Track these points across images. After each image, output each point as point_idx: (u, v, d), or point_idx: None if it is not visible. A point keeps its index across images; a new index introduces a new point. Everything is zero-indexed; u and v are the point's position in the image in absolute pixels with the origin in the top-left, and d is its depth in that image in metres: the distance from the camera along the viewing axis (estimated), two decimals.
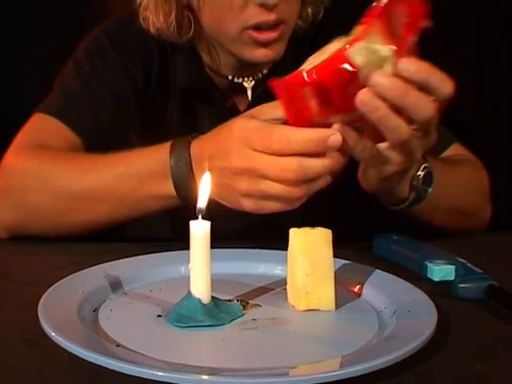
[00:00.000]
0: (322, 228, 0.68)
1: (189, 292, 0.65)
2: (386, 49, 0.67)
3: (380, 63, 0.67)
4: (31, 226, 0.92)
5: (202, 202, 0.65)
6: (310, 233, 0.68)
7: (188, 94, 1.06)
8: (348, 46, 0.65)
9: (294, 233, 0.68)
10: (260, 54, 0.96)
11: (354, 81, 0.66)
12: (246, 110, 0.92)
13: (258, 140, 0.73)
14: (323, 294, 0.67)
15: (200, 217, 0.64)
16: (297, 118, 0.71)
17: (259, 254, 0.81)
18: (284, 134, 0.71)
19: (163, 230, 1.13)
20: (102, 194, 0.88)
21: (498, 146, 1.55)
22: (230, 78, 1.06)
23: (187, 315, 0.63)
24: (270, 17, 0.92)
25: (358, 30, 0.67)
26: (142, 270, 0.76)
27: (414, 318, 0.64)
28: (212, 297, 0.65)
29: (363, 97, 0.67)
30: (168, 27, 0.98)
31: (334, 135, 0.69)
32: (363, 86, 0.67)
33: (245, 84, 1.06)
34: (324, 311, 0.68)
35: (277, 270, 0.77)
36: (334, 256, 0.68)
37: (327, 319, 0.67)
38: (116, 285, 0.72)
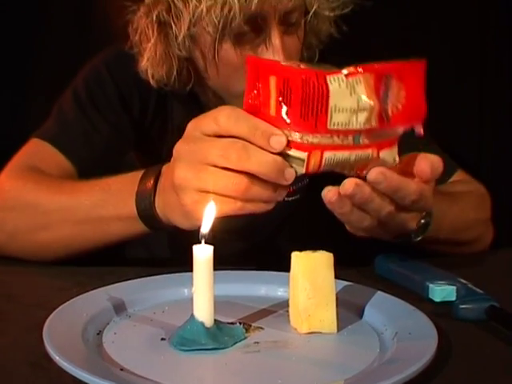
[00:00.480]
0: (324, 251, 0.68)
1: (192, 315, 0.65)
2: (366, 100, 0.65)
3: (354, 109, 0.65)
4: (12, 247, 0.93)
5: (205, 227, 0.66)
6: (312, 256, 0.68)
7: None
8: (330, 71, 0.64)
9: (296, 256, 0.68)
10: None
11: (318, 102, 0.64)
12: None
13: (205, 122, 0.70)
14: (325, 317, 0.68)
15: (203, 241, 0.65)
16: (253, 108, 0.68)
17: (261, 276, 0.81)
18: (233, 114, 0.68)
19: (164, 251, 1.13)
20: (73, 212, 0.88)
21: (499, 161, 1.56)
22: None
23: (190, 339, 0.64)
24: None
25: (348, 68, 0.65)
26: (146, 292, 0.76)
27: (415, 340, 0.65)
28: (215, 320, 0.65)
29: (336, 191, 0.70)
30: (168, 79, 0.98)
31: (279, 136, 0.66)
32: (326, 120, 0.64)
33: None
34: (326, 334, 0.68)
35: (279, 292, 0.78)
36: (336, 277, 0.69)
37: (329, 342, 0.67)
38: (120, 307, 0.73)
